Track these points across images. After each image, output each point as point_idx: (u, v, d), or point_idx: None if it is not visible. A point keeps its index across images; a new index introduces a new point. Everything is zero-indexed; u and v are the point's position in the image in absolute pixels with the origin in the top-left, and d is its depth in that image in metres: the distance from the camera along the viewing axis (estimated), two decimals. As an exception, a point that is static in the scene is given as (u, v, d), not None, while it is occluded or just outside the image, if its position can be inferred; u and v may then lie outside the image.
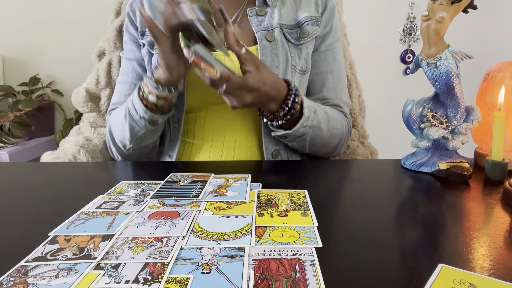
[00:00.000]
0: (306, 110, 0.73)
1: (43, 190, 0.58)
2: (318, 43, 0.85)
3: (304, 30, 0.82)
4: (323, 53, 0.86)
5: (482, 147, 0.72)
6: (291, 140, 0.77)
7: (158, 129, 0.80)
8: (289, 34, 0.81)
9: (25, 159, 1.56)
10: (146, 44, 0.83)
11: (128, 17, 0.87)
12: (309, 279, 0.33)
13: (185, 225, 0.44)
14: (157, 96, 0.72)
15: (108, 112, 0.90)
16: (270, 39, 0.79)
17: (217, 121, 0.82)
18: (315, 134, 0.76)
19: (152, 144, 0.85)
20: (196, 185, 0.57)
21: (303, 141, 0.77)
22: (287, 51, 0.80)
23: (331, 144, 0.81)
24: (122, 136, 0.80)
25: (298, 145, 0.78)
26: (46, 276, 0.34)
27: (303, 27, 0.82)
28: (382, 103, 1.97)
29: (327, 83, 0.86)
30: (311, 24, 0.82)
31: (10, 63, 1.75)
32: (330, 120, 0.79)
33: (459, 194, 0.56)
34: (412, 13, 1.99)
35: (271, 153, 0.80)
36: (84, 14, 1.74)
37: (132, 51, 0.88)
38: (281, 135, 0.75)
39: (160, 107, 0.74)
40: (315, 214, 0.47)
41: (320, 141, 0.78)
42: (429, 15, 0.59)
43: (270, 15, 0.81)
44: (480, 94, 0.71)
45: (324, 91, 0.85)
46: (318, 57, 0.86)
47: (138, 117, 0.75)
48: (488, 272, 0.35)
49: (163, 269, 0.34)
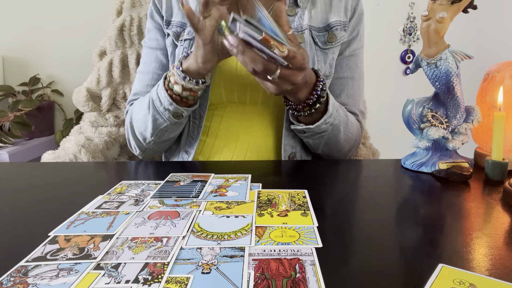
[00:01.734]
0: (331, 107, 0.72)
1: (43, 190, 0.58)
2: (343, 48, 0.84)
3: (332, 34, 0.81)
4: (346, 58, 0.85)
5: (482, 147, 0.72)
6: (309, 136, 0.76)
7: (181, 123, 0.78)
8: (317, 37, 0.80)
9: (25, 159, 1.56)
10: (172, 34, 0.82)
11: (154, 4, 0.85)
12: (309, 279, 0.33)
13: (185, 225, 0.44)
14: (183, 87, 0.71)
15: (128, 102, 0.89)
16: (300, 41, 0.78)
17: (233, 120, 0.81)
18: (333, 134, 0.76)
19: (173, 139, 0.84)
20: (196, 185, 0.57)
21: (320, 138, 0.76)
22: (314, 54, 0.80)
23: (343, 149, 0.81)
24: (143, 128, 0.79)
25: (313, 142, 0.77)
26: (46, 276, 0.34)
27: (331, 31, 0.81)
28: (382, 103, 1.97)
29: (346, 89, 0.85)
30: (339, 29, 0.81)
31: (10, 63, 1.75)
32: (348, 123, 0.79)
33: (459, 194, 0.56)
34: (412, 13, 1.99)
35: (288, 156, 0.80)
36: (84, 14, 1.74)
37: (156, 40, 0.86)
38: (301, 129, 0.74)
39: (184, 98, 0.72)
40: (315, 214, 0.47)
41: (335, 143, 0.78)
42: (429, 15, 0.59)
43: (300, 16, 0.81)
44: (480, 94, 0.71)
45: (342, 97, 0.84)
46: (341, 61, 0.85)
47: (163, 109, 0.74)
48: (488, 272, 0.35)
49: (163, 269, 0.34)
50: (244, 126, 0.81)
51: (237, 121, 0.81)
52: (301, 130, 0.75)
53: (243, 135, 0.81)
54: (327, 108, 0.72)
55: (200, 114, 0.81)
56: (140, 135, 0.81)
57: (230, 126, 0.81)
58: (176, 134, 0.81)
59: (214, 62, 0.69)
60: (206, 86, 0.75)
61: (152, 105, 0.75)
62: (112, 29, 1.11)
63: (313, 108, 0.70)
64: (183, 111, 0.74)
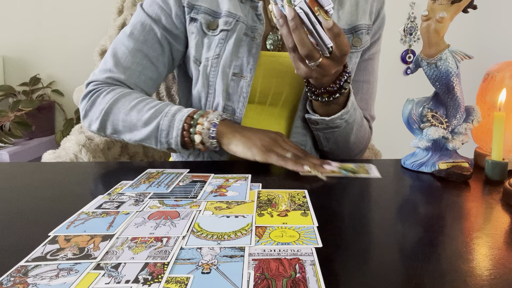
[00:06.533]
0: (350, 103, 0.71)
1: (43, 190, 0.58)
2: (364, 51, 0.83)
3: (357, 38, 0.78)
4: (365, 61, 0.83)
5: (482, 147, 0.72)
6: (321, 129, 0.75)
7: None
8: None
9: (25, 159, 1.56)
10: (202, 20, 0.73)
11: None
12: (309, 279, 0.33)
13: (185, 225, 0.44)
14: (202, 142, 0.66)
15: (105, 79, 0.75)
16: None
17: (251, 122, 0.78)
18: (344, 133, 0.75)
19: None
20: (195, 185, 0.57)
21: (331, 134, 0.75)
22: None
23: (351, 151, 0.80)
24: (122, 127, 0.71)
25: (323, 136, 0.76)
26: (46, 276, 0.34)
27: (356, 35, 0.78)
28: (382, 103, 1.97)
29: (360, 93, 0.84)
30: (364, 32, 0.78)
31: (10, 63, 1.75)
32: (362, 126, 0.78)
33: (459, 194, 0.56)
34: (412, 13, 1.99)
35: None
36: (84, 13, 1.74)
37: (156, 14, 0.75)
38: (314, 120, 0.73)
39: (190, 145, 0.68)
40: (315, 214, 0.47)
41: (345, 143, 0.77)
42: (429, 15, 0.59)
43: None
44: (480, 94, 0.71)
45: (356, 100, 0.81)
46: (359, 64, 0.83)
47: (164, 141, 0.68)
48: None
49: (163, 269, 0.34)
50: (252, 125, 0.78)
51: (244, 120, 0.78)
52: (314, 121, 0.74)
53: None
54: (346, 103, 0.71)
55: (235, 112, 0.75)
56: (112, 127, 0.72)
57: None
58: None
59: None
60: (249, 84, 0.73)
61: (155, 128, 0.68)
62: (113, 28, 1.11)
63: (332, 96, 0.68)
64: (181, 151, 0.70)
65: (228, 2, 0.73)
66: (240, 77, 0.73)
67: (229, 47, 0.72)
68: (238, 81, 0.74)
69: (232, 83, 0.74)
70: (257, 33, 0.74)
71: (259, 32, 0.74)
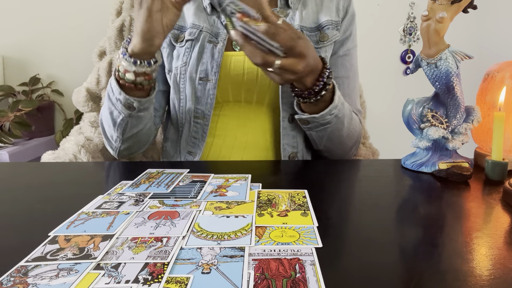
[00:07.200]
0: (337, 98, 0.72)
1: (43, 190, 0.58)
2: (337, 48, 0.85)
3: (324, 33, 0.81)
4: (340, 57, 0.85)
5: (482, 147, 0.72)
6: (312, 128, 0.76)
7: (140, 117, 0.75)
8: (310, 37, 0.81)
9: (25, 159, 1.56)
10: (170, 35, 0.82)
11: None
12: (309, 279, 0.33)
13: (185, 225, 0.44)
14: (135, 73, 0.67)
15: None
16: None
17: (230, 120, 0.82)
18: (336, 128, 0.76)
19: (143, 137, 0.81)
20: (195, 185, 0.57)
21: (323, 131, 0.76)
22: None
23: (346, 146, 0.81)
24: (108, 125, 0.77)
25: (316, 135, 0.77)
26: (46, 276, 0.34)
27: (323, 31, 0.81)
28: (382, 103, 1.97)
29: (342, 88, 0.85)
30: (331, 28, 0.82)
31: (10, 63, 1.75)
32: (352, 119, 0.79)
33: (459, 194, 0.56)
34: (412, 13, 1.99)
35: (288, 155, 0.80)
36: (84, 14, 1.74)
37: None
38: (305, 120, 0.74)
39: (139, 85, 0.69)
40: (315, 214, 0.47)
41: (338, 138, 0.78)
42: (429, 15, 0.59)
43: (291, 17, 0.81)
44: (480, 94, 0.71)
45: None
46: (335, 61, 0.85)
47: (115, 99, 0.71)
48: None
49: (163, 269, 0.34)
50: (242, 125, 0.82)
51: (234, 120, 0.82)
52: (305, 121, 0.75)
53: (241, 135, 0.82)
54: (333, 98, 0.72)
55: (203, 113, 0.81)
56: (108, 133, 0.79)
57: (227, 126, 0.82)
58: (138, 129, 0.78)
59: (163, 37, 0.66)
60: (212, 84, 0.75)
61: (107, 97, 0.73)
62: (112, 29, 1.11)
63: (318, 95, 0.69)
64: (133, 101, 0.70)
65: (193, 15, 0.81)
66: (206, 80, 0.79)
67: (194, 55, 0.79)
68: (204, 84, 0.79)
69: (200, 87, 0.79)
70: (220, 38, 0.79)
71: (222, 37, 0.79)
